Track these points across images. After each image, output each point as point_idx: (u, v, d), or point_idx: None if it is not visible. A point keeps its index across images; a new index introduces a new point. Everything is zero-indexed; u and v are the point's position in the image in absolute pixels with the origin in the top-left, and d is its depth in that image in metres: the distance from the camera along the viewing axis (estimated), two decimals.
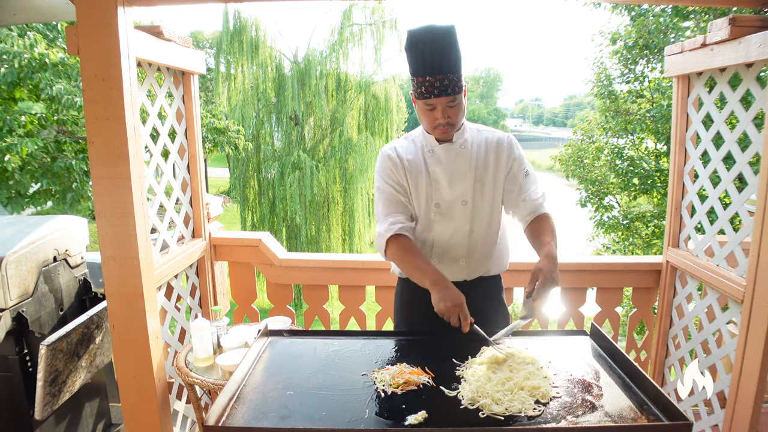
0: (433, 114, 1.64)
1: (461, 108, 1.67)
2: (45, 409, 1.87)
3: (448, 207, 1.75)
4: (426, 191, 1.76)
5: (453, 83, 1.58)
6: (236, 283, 2.85)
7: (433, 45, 1.57)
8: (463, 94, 1.65)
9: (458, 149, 1.74)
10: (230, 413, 1.24)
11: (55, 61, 6.42)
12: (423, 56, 1.58)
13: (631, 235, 9.08)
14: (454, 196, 1.75)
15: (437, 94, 1.59)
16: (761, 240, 1.68)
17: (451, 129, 1.69)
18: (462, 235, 1.76)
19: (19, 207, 6.85)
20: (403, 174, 1.77)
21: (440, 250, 1.79)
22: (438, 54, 1.57)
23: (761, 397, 1.76)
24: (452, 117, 1.65)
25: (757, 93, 1.82)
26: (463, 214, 1.75)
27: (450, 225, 1.76)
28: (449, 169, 1.74)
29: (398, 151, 1.80)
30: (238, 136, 9.34)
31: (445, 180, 1.75)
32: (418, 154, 1.78)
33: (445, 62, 1.57)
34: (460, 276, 1.79)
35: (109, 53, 1.63)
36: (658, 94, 8.34)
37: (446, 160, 1.74)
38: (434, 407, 1.27)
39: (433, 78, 1.58)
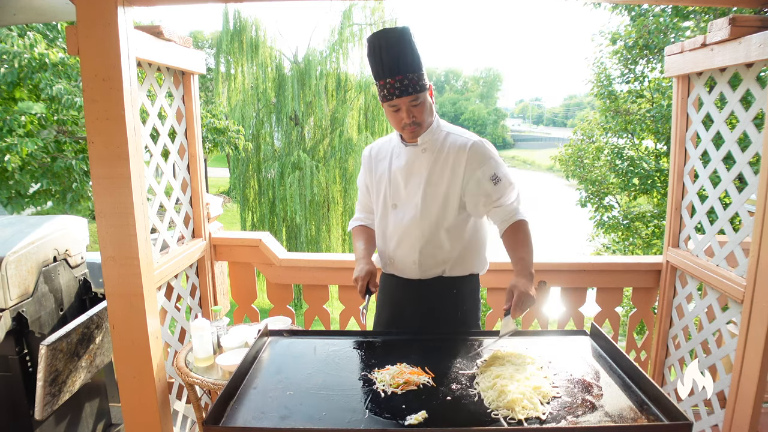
0: (399, 115, 1.67)
1: (425, 106, 1.68)
2: (45, 409, 1.87)
3: (403, 208, 1.79)
4: (385, 191, 1.83)
5: (413, 82, 1.61)
6: (236, 283, 2.85)
7: (389, 48, 1.61)
8: (428, 93, 1.68)
9: (419, 152, 1.76)
10: (230, 413, 1.24)
11: (55, 61, 6.42)
12: (381, 59, 1.62)
13: (631, 235, 9.08)
14: (408, 199, 1.78)
15: (398, 95, 1.62)
16: (761, 240, 1.68)
17: (418, 128, 1.70)
18: (413, 237, 1.77)
19: (19, 207, 6.85)
20: (369, 174, 1.90)
21: (394, 247, 1.83)
22: (395, 56, 1.60)
23: (761, 397, 1.76)
24: (417, 116, 1.67)
25: (757, 93, 1.82)
26: (413, 216, 1.76)
27: (402, 225, 1.79)
28: (407, 171, 1.78)
29: (373, 151, 1.90)
30: (238, 136, 9.34)
31: (402, 181, 1.79)
32: (387, 154, 1.85)
33: (402, 63, 1.60)
34: (413, 274, 1.82)
35: (109, 53, 1.63)
36: (658, 94, 8.34)
37: (406, 161, 1.78)
38: (434, 407, 1.27)
39: (393, 79, 1.61)
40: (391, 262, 1.85)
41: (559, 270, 2.61)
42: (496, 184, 1.72)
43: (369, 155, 1.91)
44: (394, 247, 1.82)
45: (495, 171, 1.72)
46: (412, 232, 1.76)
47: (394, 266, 1.85)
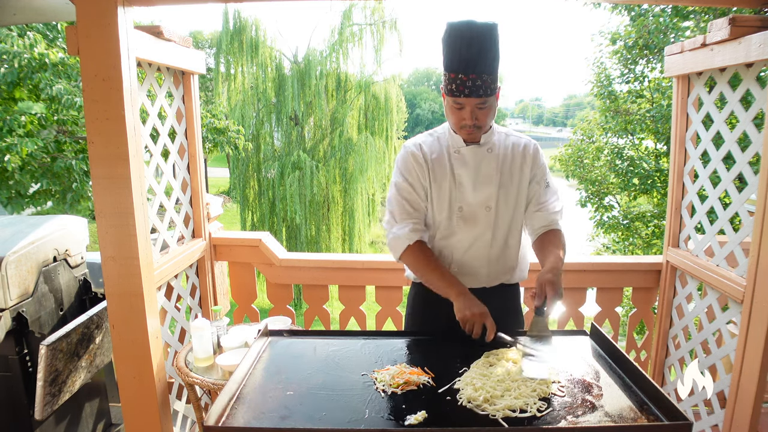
0: (461, 113, 1.57)
1: (491, 111, 1.59)
2: (45, 409, 1.87)
3: (472, 212, 1.68)
4: (449, 194, 1.69)
5: (486, 84, 1.51)
6: (236, 283, 2.85)
7: (471, 41, 1.48)
8: (495, 96, 1.57)
9: (485, 153, 1.68)
10: (230, 413, 1.24)
11: (55, 61, 6.42)
12: (459, 52, 1.50)
13: (631, 235, 9.08)
14: (478, 201, 1.68)
15: (468, 94, 1.51)
16: (761, 240, 1.68)
17: (477, 131, 1.61)
18: (484, 242, 1.70)
19: (19, 207, 6.84)
20: (427, 174, 1.70)
21: (460, 255, 1.72)
22: (475, 52, 1.48)
23: (761, 397, 1.76)
24: (480, 119, 1.57)
25: (757, 93, 1.82)
26: (486, 221, 1.68)
27: (472, 231, 1.69)
28: (475, 173, 1.67)
29: (423, 149, 1.71)
30: (238, 136, 9.34)
31: (469, 183, 1.68)
32: (443, 154, 1.70)
33: (481, 62, 1.49)
34: (479, 283, 1.74)
35: (109, 53, 1.63)
36: (658, 94, 8.34)
37: (472, 162, 1.68)
38: (434, 407, 1.27)
39: (465, 76, 1.49)
40: (455, 269, 1.73)
41: None
42: (546, 188, 1.71)
43: (421, 154, 1.70)
44: (461, 253, 1.71)
45: (547, 176, 1.73)
46: (484, 237, 1.69)
47: (457, 274, 1.71)
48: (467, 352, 1.56)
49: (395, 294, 2.70)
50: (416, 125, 37.40)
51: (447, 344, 1.65)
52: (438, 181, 1.69)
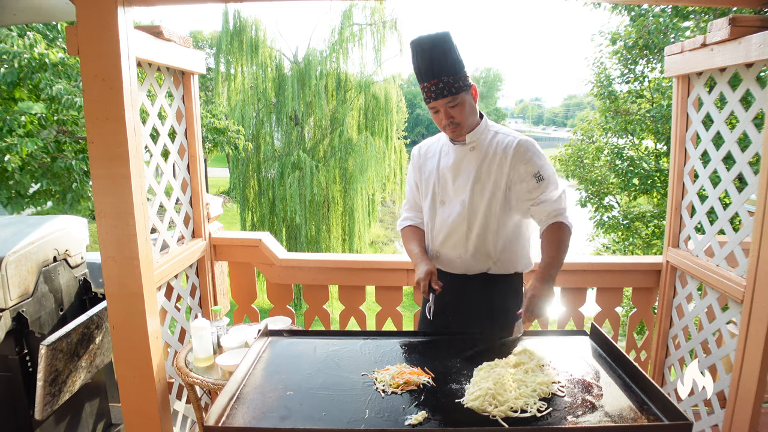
0: (438, 116, 1.74)
1: (464, 107, 1.72)
2: (45, 409, 1.87)
3: (450, 205, 1.84)
4: (434, 188, 1.88)
5: (449, 85, 1.67)
6: (236, 283, 2.85)
7: (427, 52, 1.67)
8: (470, 93, 1.73)
9: (467, 151, 1.81)
10: (230, 413, 1.24)
11: (55, 61, 6.42)
12: (418, 64, 1.70)
13: (631, 235, 9.08)
14: (456, 195, 1.83)
15: (435, 97, 1.69)
16: (761, 240, 1.68)
17: (458, 128, 1.75)
18: (460, 233, 1.82)
19: (19, 207, 6.84)
20: (418, 172, 1.96)
21: (440, 242, 1.88)
22: (430, 60, 1.66)
23: (761, 397, 1.76)
24: (455, 116, 1.72)
25: (757, 93, 1.82)
26: (461, 213, 1.81)
27: (449, 221, 1.84)
28: (455, 169, 1.83)
29: (422, 150, 1.97)
30: (238, 136, 9.33)
31: (450, 179, 1.84)
32: (436, 153, 1.91)
33: (437, 67, 1.66)
34: (458, 269, 1.87)
35: (109, 53, 1.63)
36: (658, 94, 8.34)
37: (455, 159, 1.83)
38: (434, 407, 1.27)
39: (429, 83, 1.69)
40: (437, 256, 1.90)
41: (560, 273, 2.60)
42: (538, 182, 1.75)
43: (418, 153, 1.97)
44: (440, 242, 1.87)
45: (539, 169, 1.76)
46: (459, 227, 1.82)
47: (440, 261, 1.89)
48: (467, 352, 1.56)
49: (395, 294, 2.71)
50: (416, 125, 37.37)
51: (447, 344, 1.65)
52: (426, 178, 1.92)
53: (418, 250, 1.89)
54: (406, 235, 2.00)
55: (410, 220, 2.02)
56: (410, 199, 2.03)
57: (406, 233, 2.01)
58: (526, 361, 1.48)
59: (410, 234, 1.99)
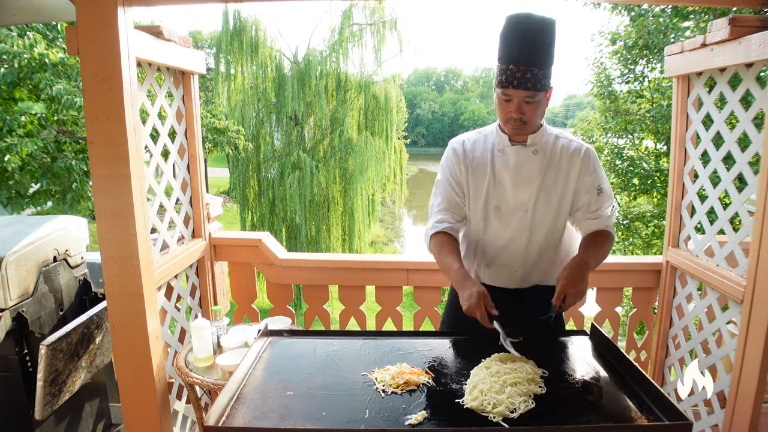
0: (508, 106, 1.56)
1: (539, 107, 1.57)
2: (45, 409, 1.87)
3: (509, 212, 1.68)
4: (487, 192, 1.69)
5: (536, 78, 1.50)
6: (236, 283, 2.85)
7: (525, 33, 1.49)
8: (546, 95, 1.57)
9: (529, 153, 1.66)
10: (230, 413, 1.24)
11: (55, 61, 6.42)
12: (511, 43, 1.51)
13: (631, 235, 9.08)
14: (517, 202, 1.67)
15: (516, 86, 1.51)
16: (761, 240, 1.68)
17: (523, 127, 1.59)
18: (519, 244, 1.69)
19: (19, 207, 6.84)
20: (465, 170, 1.72)
21: (493, 254, 1.72)
22: (529, 45, 1.49)
23: (761, 397, 1.76)
24: (527, 114, 1.55)
25: (757, 93, 1.82)
26: (522, 222, 1.67)
27: (507, 231, 1.69)
28: (516, 173, 1.66)
29: (465, 145, 1.74)
30: (238, 136, 9.33)
31: (509, 183, 1.66)
32: (486, 151, 1.71)
33: (533, 54, 1.49)
34: (513, 283, 1.74)
35: (109, 53, 1.63)
36: (658, 94, 8.34)
37: (515, 162, 1.66)
38: (434, 407, 1.27)
39: (516, 67, 1.49)
40: (488, 268, 1.74)
41: None
42: (599, 194, 1.67)
43: (463, 150, 1.73)
44: (495, 252, 1.71)
45: (601, 182, 1.68)
46: (519, 237, 1.68)
47: (490, 273, 1.74)
48: (467, 352, 1.56)
49: (395, 294, 2.71)
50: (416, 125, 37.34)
51: (449, 345, 1.65)
52: (476, 178, 1.70)
53: (458, 266, 1.60)
54: (441, 244, 1.67)
55: (447, 223, 1.71)
56: (449, 198, 1.74)
57: (440, 241, 1.68)
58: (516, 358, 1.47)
59: (446, 243, 1.67)
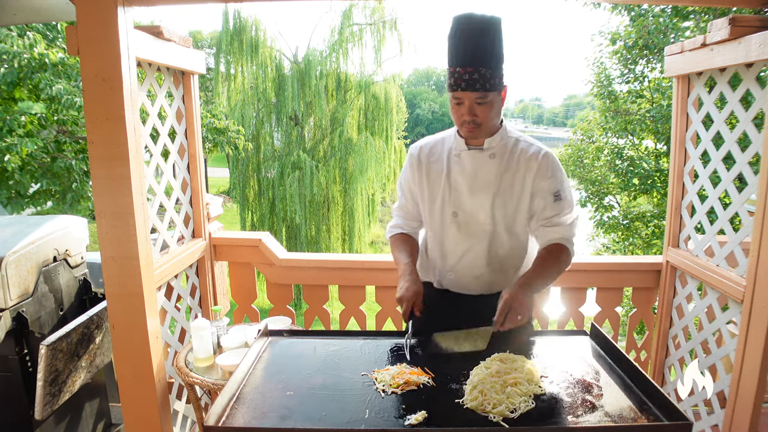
0: (460, 109, 1.53)
1: (492, 108, 1.52)
2: (45, 409, 1.87)
3: (467, 218, 1.65)
4: (443, 198, 1.67)
5: (485, 79, 1.46)
6: (236, 283, 2.85)
7: (469, 34, 1.45)
8: (501, 94, 1.53)
9: (486, 158, 1.62)
10: (230, 413, 1.24)
11: (55, 61, 6.42)
12: (457, 45, 1.48)
13: (631, 235, 9.08)
14: (474, 208, 1.64)
15: (464, 88, 1.47)
16: (761, 240, 1.68)
17: (477, 129, 1.55)
18: (480, 250, 1.66)
19: (19, 207, 6.84)
20: (419, 177, 1.71)
21: (455, 260, 1.70)
22: (472, 45, 1.45)
23: (761, 397, 1.76)
24: (480, 115, 1.52)
25: (757, 93, 1.82)
26: (481, 229, 1.65)
27: (467, 237, 1.66)
28: (472, 178, 1.63)
29: (422, 151, 1.72)
30: (238, 136, 9.34)
31: (465, 189, 1.64)
32: (443, 156, 1.68)
33: (478, 54, 1.45)
34: (478, 290, 1.71)
35: (109, 53, 1.63)
36: (658, 94, 8.34)
37: (471, 167, 1.63)
38: (434, 407, 1.27)
39: (463, 69, 1.46)
40: (450, 276, 1.72)
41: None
42: (555, 201, 1.60)
43: (418, 156, 1.72)
44: (456, 260, 1.69)
45: (559, 188, 1.61)
46: (480, 244, 1.65)
47: (453, 281, 1.72)
48: (467, 352, 1.56)
49: (395, 294, 2.70)
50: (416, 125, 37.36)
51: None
52: (432, 184, 1.69)
53: (408, 260, 1.66)
54: (396, 243, 1.77)
55: (401, 228, 1.80)
56: (404, 205, 1.80)
57: (396, 240, 1.78)
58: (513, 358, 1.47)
59: (400, 242, 1.76)
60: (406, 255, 1.69)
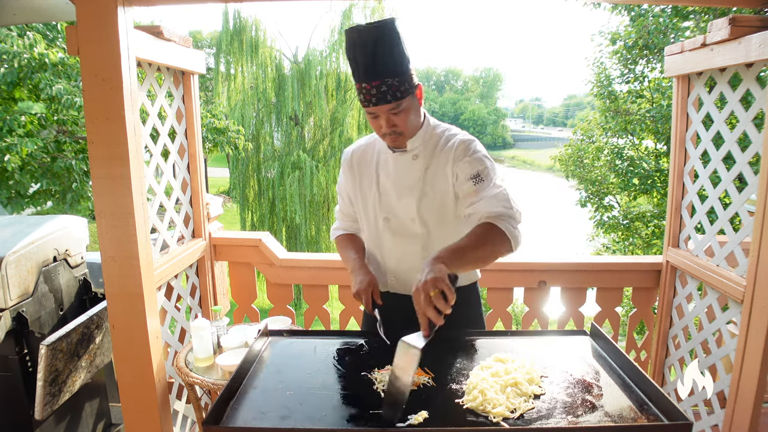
0: (377, 122, 1.48)
1: (410, 113, 1.47)
2: (45, 409, 1.87)
3: (399, 223, 1.62)
4: (374, 204, 1.64)
5: (393, 89, 1.40)
6: (236, 283, 2.85)
7: (365, 48, 1.38)
8: (416, 95, 1.48)
9: (409, 160, 1.58)
10: (230, 413, 1.24)
11: (55, 61, 6.43)
12: (356, 61, 1.41)
13: (631, 235, 9.09)
14: (404, 212, 1.60)
15: (376, 102, 1.42)
16: (761, 240, 1.68)
17: (400, 138, 1.51)
18: (417, 253, 1.63)
19: (19, 207, 6.85)
20: (351, 181, 1.70)
21: (395, 264, 1.67)
22: (371, 57, 1.37)
23: (761, 397, 1.76)
24: (399, 124, 1.47)
25: (757, 93, 1.82)
26: (414, 232, 1.61)
27: (402, 242, 1.63)
28: (397, 182, 1.59)
29: (354, 155, 1.71)
30: (238, 136, 9.34)
31: (393, 193, 1.60)
32: (372, 160, 1.66)
33: (380, 66, 1.38)
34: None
35: (109, 53, 1.63)
36: (658, 94, 8.35)
37: (395, 171, 1.59)
38: (434, 407, 1.27)
39: (368, 85, 1.40)
40: (393, 280, 1.70)
41: (559, 270, 2.61)
42: (476, 183, 1.50)
43: (350, 161, 1.70)
44: (396, 264, 1.67)
45: (479, 170, 1.50)
46: (415, 247, 1.63)
47: (398, 283, 1.70)
48: (467, 351, 1.56)
49: None
50: None
51: (449, 345, 1.65)
52: (364, 188, 1.67)
53: (356, 256, 1.66)
54: (342, 243, 1.79)
55: (344, 230, 1.83)
56: (344, 209, 1.80)
57: (341, 241, 1.80)
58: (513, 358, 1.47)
59: (347, 242, 1.78)
60: (353, 252, 1.71)
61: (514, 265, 2.59)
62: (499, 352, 1.51)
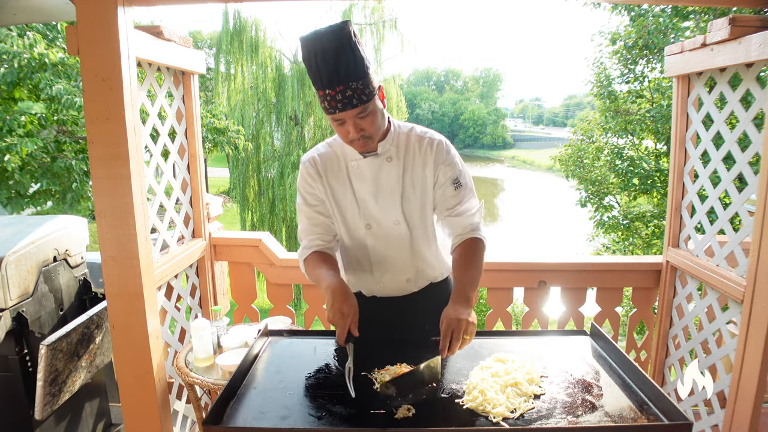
0: (344, 129, 1.44)
1: (375, 116, 1.44)
2: (45, 409, 1.87)
3: (382, 228, 1.59)
4: (352, 212, 1.60)
5: (358, 92, 1.37)
6: (236, 283, 2.85)
7: (323, 55, 1.34)
8: (378, 97, 1.45)
9: (383, 162, 1.55)
10: (230, 413, 1.24)
11: (55, 61, 6.43)
12: (317, 68, 1.36)
13: (631, 235, 9.09)
14: (386, 217, 1.58)
15: (341, 108, 1.38)
16: (761, 240, 1.68)
17: (369, 142, 1.47)
18: (403, 256, 1.62)
19: (19, 207, 6.85)
20: (323, 193, 1.61)
21: (381, 272, 1.66)
22: (332, 63, 1.34)
23: (761, 397, 1.76)
24: (367, 128, 1.43)
25: (757, 93, 1.82)
26: (399, 235, 1.60)
27: (387, 247, 1.62)
28: (374, 186, 1.56)
29: (318, 162, 1.61)
30: (238, 136, 9.34)
31: (371, 198, 1.57)
32: (341, 167, 1.59)
33: (342, 71, 1.34)
34: (406, 291, 1.69)
35: (109, 53, 1.63)
36: (658, 94, 8.34)
37: (371, 175, 1.56)
38: (434, 407, 1.27)
39: (333, 91, 1.36)
40: (379, 284, 1.68)
41: (559, 270, 2.61)
42: (456, 188, 1.55)
43: (316, 171, 1.60)
44: (382, 271, 1.65)
45: (458, 174, 1.55)
46: (402, 251, 1.62)
47: (382, 288, 1.69)
48: (467, 351, 1.56)
49: None
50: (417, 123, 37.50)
51: None
52: (338, 198, 1.60)
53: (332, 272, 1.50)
54: (312, 262, 1.57)
55: (315, 248, 1.61)
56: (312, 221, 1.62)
57: (311, 260, 1.58)
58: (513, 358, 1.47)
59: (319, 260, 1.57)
60: (327, 269, 1.52)
61: (514, 265, 2.59)
62: (499, 352, 1.51)
